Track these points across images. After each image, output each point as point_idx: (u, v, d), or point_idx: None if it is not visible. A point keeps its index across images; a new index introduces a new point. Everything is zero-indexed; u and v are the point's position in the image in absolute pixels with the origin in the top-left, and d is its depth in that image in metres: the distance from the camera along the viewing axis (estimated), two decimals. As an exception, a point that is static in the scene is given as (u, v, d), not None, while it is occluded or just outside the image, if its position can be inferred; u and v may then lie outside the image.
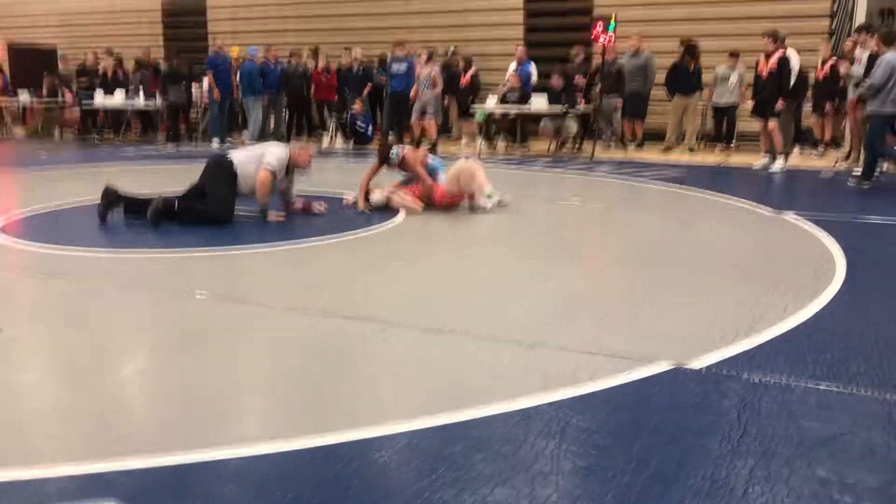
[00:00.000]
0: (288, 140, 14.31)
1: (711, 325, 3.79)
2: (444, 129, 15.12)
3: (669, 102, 12.79)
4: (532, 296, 4.41)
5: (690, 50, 12.17)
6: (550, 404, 2.87)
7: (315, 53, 14.79)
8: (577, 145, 12.79)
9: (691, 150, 12.25)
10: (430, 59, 13.22)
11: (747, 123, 12.42)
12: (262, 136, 14.35)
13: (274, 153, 6.60)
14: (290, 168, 6.78)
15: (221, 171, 6.56)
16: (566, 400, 2.92)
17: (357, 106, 13.98)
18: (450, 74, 14.10)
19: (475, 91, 14.05)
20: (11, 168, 11.19)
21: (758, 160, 10.86)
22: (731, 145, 12.49)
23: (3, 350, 3.59)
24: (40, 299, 4.46)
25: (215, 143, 13.92)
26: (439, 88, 13.18)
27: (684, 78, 12.19)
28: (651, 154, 12.28)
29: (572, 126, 12.79)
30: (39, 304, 4.36)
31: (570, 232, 6.62)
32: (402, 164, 7.31)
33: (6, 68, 18.03)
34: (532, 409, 2.83)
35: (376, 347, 3.56)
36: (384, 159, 7.27)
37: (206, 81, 14.15)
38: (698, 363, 3.28)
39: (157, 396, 3.09)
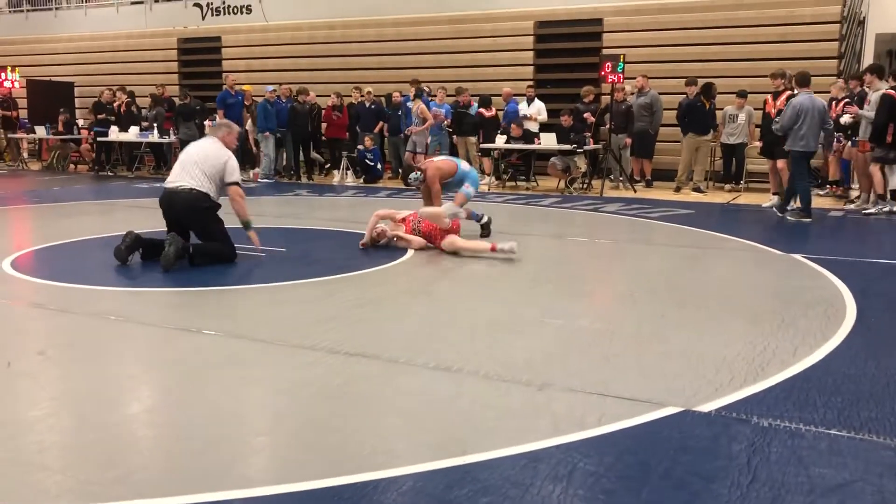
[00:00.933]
0: (298, 177, 14.46)
1: (720, 367, 3.77)
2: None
3: (678, 142, 12.84)
4: (540, 334, 4.40)
5: (706, 89, 12.25)
6: (558, 447, 2.85)
7: (339, 95, 14.96)
8: (585, 183, 12.84)
9: (697, 190, 12.25)
10: (418, 95, 13.44)
11: (756, 163, 12.47)
12: (275, 172, 14.51)
13: (230, 165, 6.48)
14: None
15: (200, 207, 6.42)
16: (574, 443, 2.89)
17: (367, 142, 14.11)
18: (458, 114, 14.22)
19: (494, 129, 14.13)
20: (26, 202, 11.30)
21: (767, 200, 10.86)
22: (741, 185, 12.50)
23: (11, 384, 3.60)
24: (49, 334, 4.48)
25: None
26: (429, 124, 13.35)
27: (699, 117, 12.25)
28: (660, 193, 12.30)
29: (581, 164, 12.84)
30: (48, 339, 4.37)
31: (577, 269, 6.62)
32: (424, 183, 7.57)
33: (25, 103, 18.32)
34: (540, 452, 2.81)
35: (383, 386, 3.55)
36: (406, 183, 7.40)
37: (217, 118, 14.31)
38: (707, 406, 3.25)
39: (163, 434, 3.08)
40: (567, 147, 12.27)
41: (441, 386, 3.53)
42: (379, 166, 14.30)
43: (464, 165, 7.90)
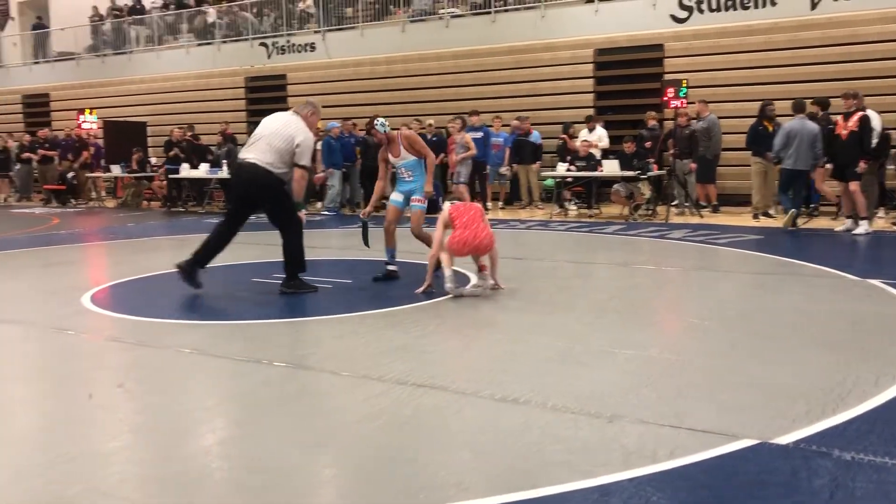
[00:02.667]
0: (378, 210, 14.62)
1: (797, 398, 3.65)
2: (515, 198, 15.21)
3: (745, 165, 12.59)
4: (608, 365, 4.34)
5: (763, 111, 12.02)
6: (630, 481, 2.80)
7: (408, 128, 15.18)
8: (650, 210, 12.68)
9: (767, 214, 11.97)
10: (463, 126, 13.50)
11: (827, 187, 12.13)
12: (341, 206, 14.76)
13: (303, 146, 6.30)
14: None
15: (262, 184, 6.34)
16: (646, 476, 2.84)
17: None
18: (519, 142, 14.27)
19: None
20: (103, 239, 11.75)
21: (840, 224, 10.54)
22: (811, 209, 12.16)
23: (92, 416, 3.72)
24: (127, 367, 4.62)
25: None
26: (470, 153, 13.40)
27: (762, 140, 12.00)
28: (728, 218, 12.06)
29: (645, 190, 12.71)
30: (126, 372, 4.51)
31: (645, 298, 6.52)
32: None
33: (101, 143, 19.11)
34: (611, 486, 2.76)
35: (450, 418, 3.55)
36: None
37: None
38: (785, 438, 3.15)
39: (236, 466, 3.13)
40: (630, 173, 12.16)
41: (509, 418, 3.51)
42: (440, 201, 14.40)
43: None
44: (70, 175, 18.40)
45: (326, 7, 19.50)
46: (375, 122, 7.11)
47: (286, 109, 17.79)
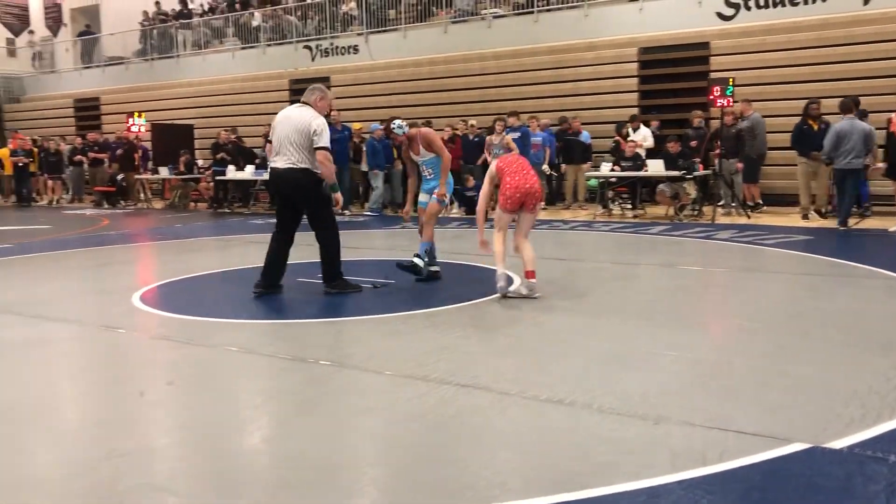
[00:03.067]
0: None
1: (850, 401, 3.57)
2: (557, 198, 15.14)
3: (792, 165, 12.34)
4: (654, 366, 4.29)
5: (807, 110, 11.77)
6: (679, 483, 2.76)
7: (453, 128, 15.20)
8: (696, 210, 12.50)
9: (821, 213, 11.72)
10: (504, 128, 13.38)
11: (880, 185, 11.83)
12: (383, 206, 14.84)
13: (318, 130, 6.29)
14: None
15: (303, 185, 6.40)
16: (696, 479, 2.80)
17: (469, 181, 14.21)
18: (568, 141, 14.20)
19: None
20: (151, 239, 11.99)
21: (894, 224, 10.28)
22: (863, 209, 11.86)
23: (143, 413, 3.80)
24: (176, 365, 4.70)
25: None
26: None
27: (807, 140, 11.75)
28: (776, 219, 11.84)
29: (691, 190, 12.54)
30: (175, 370, 4.59)
31: (691, 299, 6.43)
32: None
33: (149, 145, 19.51)
34: (659, 488, 2.73)
35: (494, 418, 3.54)
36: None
37: None
38: (838, 442, 3.08)
39: (281, 464, 3.16)
40: (676, 173, 12.01)
41: (554, 419, 3.49)
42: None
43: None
44: (119, 177, 18.81)
45: (369, 9, 19.64)
46: (392, 124, 7.17)
47: (330, 112, 17.83)
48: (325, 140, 6.33)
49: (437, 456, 3.12)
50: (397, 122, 7.14)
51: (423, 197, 7.16)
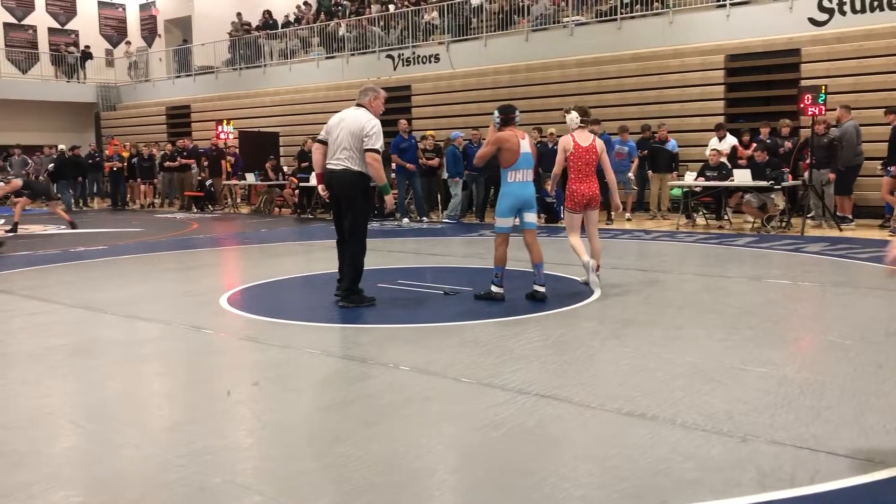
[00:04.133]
0: (482, 218, 14.71)
1: (954, 426, 3.39)
2: (640, 207, 14.91)
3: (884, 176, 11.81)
4: (740, 382, 4.17)
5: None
6: (767, 504, 2.68)
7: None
8: (784, 221, 12.10)
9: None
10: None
11: None
12: (462, 214, 14.89)
13: (371, 132, 6.30)
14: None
15: (353, 186, 6.42)
16: (784, 500, 2.71)
17: (549, 187, 14.13)
18: (654, 149, 13.97)
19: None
20: (238, 243, 12.35)
21: None
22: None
23: (231, 412, 3.92)
24: (261, 366, 4.83)
25: (404, 221, 14.61)
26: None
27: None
28: (869, 232, 11.35)
29: (779, 201, 12.14)
30: (261, 371, 4.72)
31: (779, 314, 6.22)
32: None
33: (237, 152, 20.12)
34: (746, 508, 2.65)
35: (574, 430, 3.51)
36: None
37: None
38: (941, 469, 2.93)
39: (365, 466, 3.19)
40: (763, 183, 11.65)
41: (636, 433, 3.43)
42: (561, 211, 14.26)
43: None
44: (208, 182, 19.45)
45: (451, 18, 19.79)
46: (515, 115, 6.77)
47: (411, 121, 18.02)
48: (375, 143, 6.35)
49: (516, 465, 3.11)
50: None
51: (530, 217, 6.76)
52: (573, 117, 7.05)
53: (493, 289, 6.61)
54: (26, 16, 28.36)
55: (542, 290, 6.55)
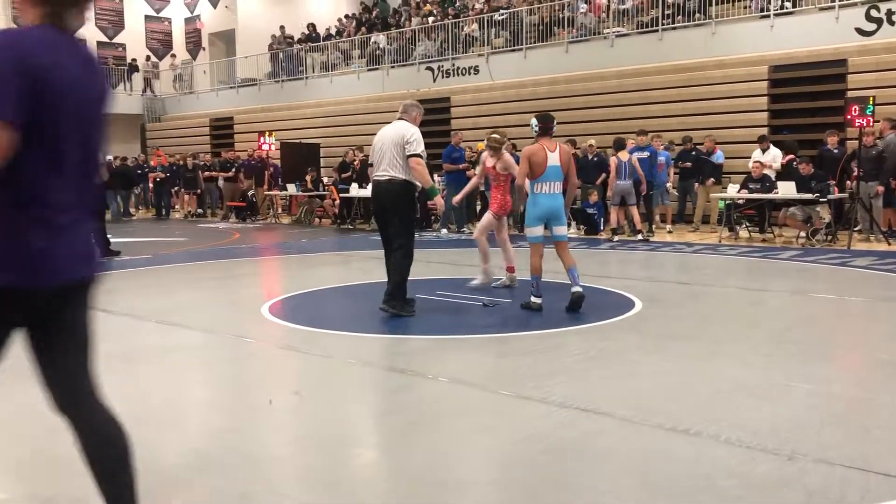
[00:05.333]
0: (520, 230, 14.63)
1: None
2: (681, 218, 14.75)
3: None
4: (785, 399, 4.08)
5: None
6: (815, 524, 2.61)
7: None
8: (830, 235, 11.86)
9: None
10: (621, 148, 12.98)
11: None
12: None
13: (413, 139, 6.48)
14: None
15: (399, 195, 6.52)
16: (833, 521, 2.64)
17: (592, 196, 14.08)
18: (699, 162, 13.84)
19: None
20: (279, 253, 12.48)
21: None
22: None
23: (272, 421, 3.95)
24: (302, 375, 4.87)
25: (443, 232, 14.65)
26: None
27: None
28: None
29: (825, 214, 11.91)
30: (301, 380, 4.75)
31: (826, 329, 6.09)
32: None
33: (279, 163, 20.39)
34: (793, 528, 2.59)
35: (615, 445, 3.46)
36: None
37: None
38: None
39: (403, 476, 3.19)
40: (808, 196, 11.44)
41: (679, 448, 3.37)
42: (601, 222, 14.18)
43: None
44: (250, 193, 19.72)
45: (490, 30, 19.85)
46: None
47: (450, 132, 18.10)
48: (417, 147, 6.49)
49: (557, 479, 3.08)
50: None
51: (560, 230, 6.76)
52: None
53: (532, 299, 6.63)
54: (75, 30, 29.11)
55: (579, 289, 6.56)
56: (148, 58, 30.32)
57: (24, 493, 3.13)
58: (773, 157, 13.35)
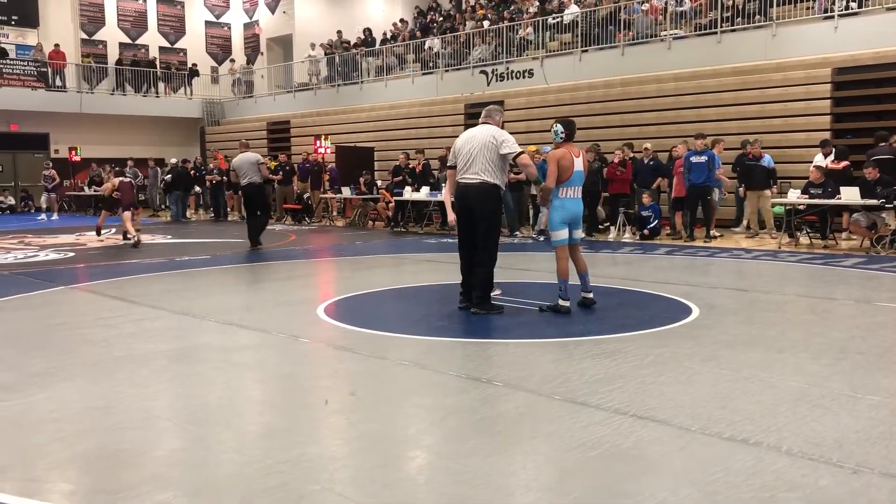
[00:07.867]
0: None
1: None
2: (734, 223, 14.46)
3: None
4: (850, 410, 3.97)
5: None
6: (882, 540, 2.54)
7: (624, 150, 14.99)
8: (896, 242, 11.49)
9: None
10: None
11: None
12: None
13: (505, 141, 6.58)
14: None
15: (490, 198, 6.67)
16: (902, 537, 2.56)
17: (645, 199, 13.91)
18: (748, 166, 13.55)
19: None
20: (333, 255, 12.62)
21: None
22: None
23: (328, 421, 4.00)
24: (357, 376, 4.91)
25: (517, 235, 14.66)
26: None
27: None
28: None
29: (890, 221, 11.54)
30: (357, 381, 4.79)
31: (891, 338, 5.89)
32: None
33: (334, 166, 20.61)
34: (859, 544, 2.52)
35: (673, 453, 3.41)
36: None
37: None
38: None
39: (457, 480, 3.19)
40: (873, 202, 11.11)
41: (738, 458, 3.31)
42: (657, 224, 14.00)
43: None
44: (306, 195, 19.98)
45: (545, 33, 19.76)
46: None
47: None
48: (514, 146, 6.60)
49: (613, 487, 3.05)
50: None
51: (577, 233, 7.00)
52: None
53: (560, 302, 6.71)
54: (140, 36, 29.94)
55: (589, 296, 6.86)
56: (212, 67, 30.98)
57: (89, 486, 3.22)
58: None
